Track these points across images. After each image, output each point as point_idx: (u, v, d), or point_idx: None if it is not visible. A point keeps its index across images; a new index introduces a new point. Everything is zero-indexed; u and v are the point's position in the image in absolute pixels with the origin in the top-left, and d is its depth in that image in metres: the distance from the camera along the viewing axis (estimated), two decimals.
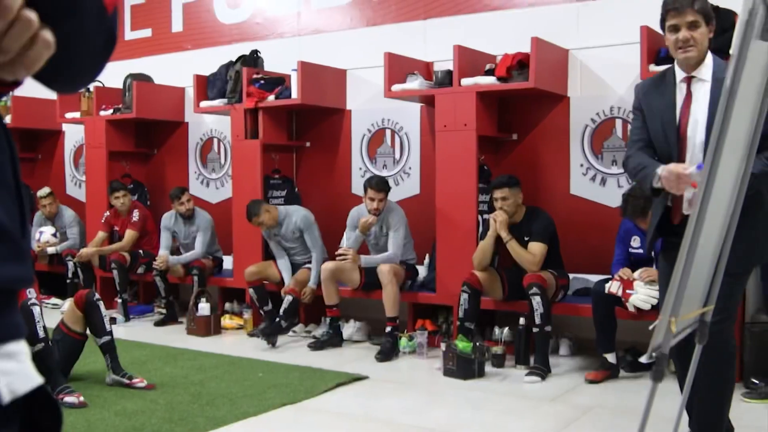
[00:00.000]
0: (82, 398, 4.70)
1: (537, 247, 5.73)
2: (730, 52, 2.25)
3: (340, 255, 6.28)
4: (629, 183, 5.94)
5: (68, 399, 4.67)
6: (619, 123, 6.19)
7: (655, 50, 5.57)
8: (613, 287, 5.19)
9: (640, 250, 5.35)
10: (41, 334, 4.77)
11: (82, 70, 1.13)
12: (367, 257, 6.42)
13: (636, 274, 5.19)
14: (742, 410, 4.63)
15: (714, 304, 2.91)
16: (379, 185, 6.38)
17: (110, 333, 5.16)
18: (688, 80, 3.45)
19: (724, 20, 4.95)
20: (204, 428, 4.28)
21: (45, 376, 3.89)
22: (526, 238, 5.76)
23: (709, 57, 3.45)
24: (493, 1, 6.69)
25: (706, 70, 3.43)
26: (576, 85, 6.33)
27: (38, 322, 4.78)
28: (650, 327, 2.41)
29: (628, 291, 5.10)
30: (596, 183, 6.29)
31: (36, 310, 4.82)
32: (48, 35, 0.90)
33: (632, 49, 5.67)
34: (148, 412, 4.55)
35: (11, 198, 0.99)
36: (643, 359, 2.38)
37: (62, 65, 1.08)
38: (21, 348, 0.97)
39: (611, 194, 6.10)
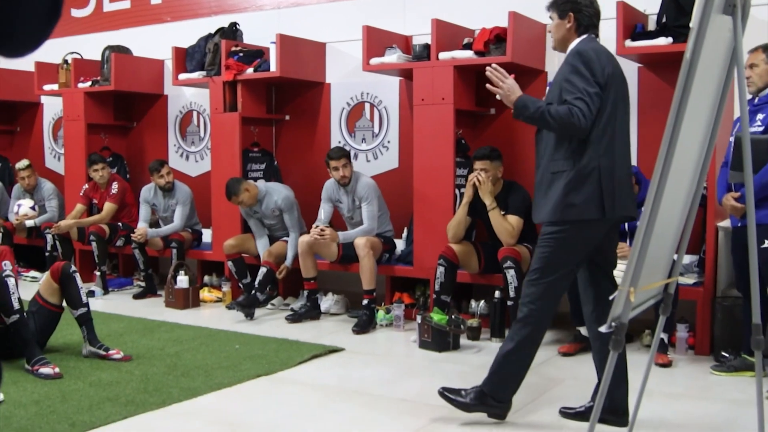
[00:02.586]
0: (57, 369, 4.72)
1: (514, 220, 5.77)
2: (690, 25, 2.26)
3: (318, 236, 6.28)
4: None
5: (43, 370, 4.69)
6: None
7: (631, 26, 5.59)
8: None
9: None
10: (16, 305, 4.78)
11: (25, 35, 1.14)
12: (344, 233, 6.44)
13: None
14: (711, 383, 4.72)
15: (678, 275, 2.95)
16: (337, 152, 6.45)
17: (86, 305, 5.16)
18: None
19: None
20: (178, 399, 4.31)
21: (20, 347, 3.93)
22: (503, 212, 5.79)
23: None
24: None
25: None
26: (554, 60, 6.33)
27: (13, 293, 4.79)
28: (610, 297, 2.44)
29: None
30: None
31: (11, 281, 4.82)
32: None
33: (608, 24, 5.66)
34: (122, 383, 4.58)
35: None
36: (603, 329, 2.42)
37: (4, 30, 1.09)
38: None
39: None
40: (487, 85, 3.82)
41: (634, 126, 6.02)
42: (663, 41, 5.42)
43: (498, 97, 3.80)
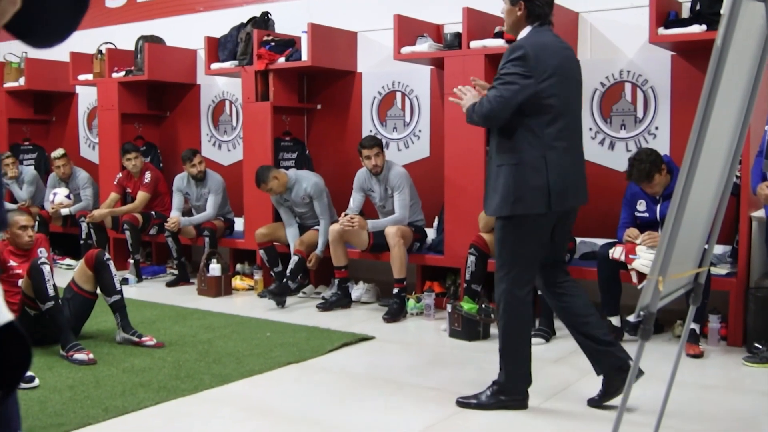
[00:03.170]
0: (91, 355, 4.79)
1: None
2: (721, 12, 2.24)
3: (347, 224, 6.31)
4: (637, 147, 5.94)
5: (78, 356, 4.76)
6: (628, 87, 6.15)
7: (664, 13, 5.53)
8: (616, 253, 5.19)
9: (646, 214, 5.35)
10: (51, 292, 4.85)
11: (54, 25, 1.16)
12: (374, 221, 6.45)
13: (639, 239, 5.18)
14: (743, 374, 4.67)
15: (708, 265, 2.93)
16: (369, 141, 6.46)
17: (120, 292, 5.24)
18: None
19: None
20: (209, 385, 4.36)
21: (55, 333, 4.00)
22: None
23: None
24: None
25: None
26: (585, 48, 6.29)
27: (48, 280, 4.86)
28: (639, 287, 2.43)
29: (630, 256, 5.10)
30: (605, 147, 6.28)
31: (46, 268, 4.89)
32: None
33: (642, 12, 5.64)
34: (155, 369, 4.64)
35: None
36: (631, 318, 2.41)
37: (34, 20, 1.11)
38: None
39: (619, 158, 6.08)
40: (451, 99, 4.08)
41: (666, 114, 6.00)
42: (696, 29, 5.36)
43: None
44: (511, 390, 3.97)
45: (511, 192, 3.74)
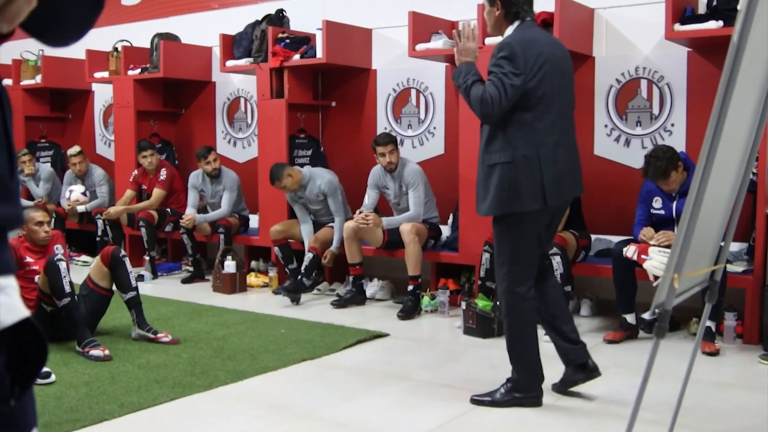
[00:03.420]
0: (107, 352, 4.82)
1: None
2: (738, 7, 2.22)
3: (362, 221, 6.31)
4: (652, 144, 5.91)
5: (93, 352, 4.79)
6: (644, 83, 6.12)
7: (680, 9, 5.49)
8: (629, 252, 5.16)
9: (662, 211, 5.32)
10: (67, 289, 4.87)
11: (70, 24, 1.16)
12: (388, 219, 6.45)
13: (654, 239, 5.15)
14: (759, 372, 4.65)
15: (724, 262, 2.91)
16: (384, 138, 6.46)
17: (136, 289, 5.27)
18: None
19: None
20: (224, 381, 4.37)
21: (71, 330, 4.03)
22: None
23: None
24: None
25: None
26: (601, 45, 6.27)
27: (64, 277, 4.88)
28: (654, 284, 2.42)
29: (643, 256, 5.07)
30: (620, 144, 6.26)
31: (62, 265, 4.92)
32: None
33: (658, 8, 5.61)
34: (170, 365, 4.66)
35: (1, 143, 1.03)
36: (646, 315, 2.40)
37: (50, 19, 1.11)
38: (9, 282, 1.03)
39: (635, 155, 6.05)
40: (454, 31, 4.10)
41: (682, 111, 5.97)
42: (713, 25, 5.32)
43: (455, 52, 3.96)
44: (524, 387, 3.97)
45: (506, 191, 3.75)
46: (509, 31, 3.89)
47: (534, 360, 3.99)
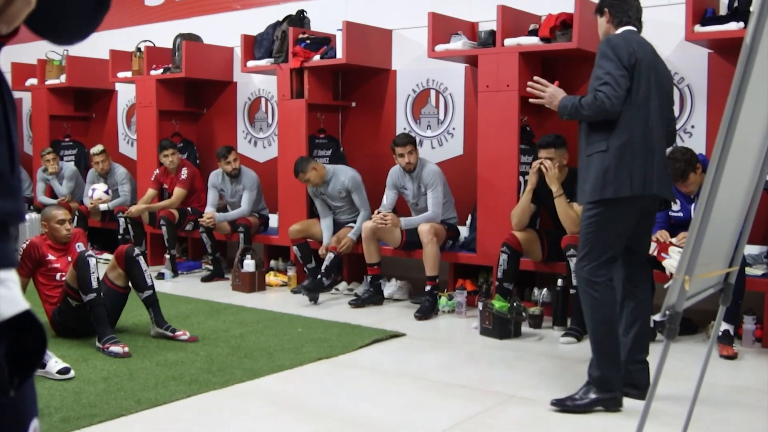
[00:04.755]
0: (126, 348, 4.86)
1: (579, 208, 5.69)
2: (751, 9, 2.22)
3: (380, 221, 6.33)
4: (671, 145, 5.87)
5: (113, 348, 4.84)
6: None
7: (701, 10, 5.46)
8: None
9: (680, 213, 5.30)
10: (94, 284, 4.93)
11: (72, 24, 1.18)
12: (407, 219, 6.46)
13: (675, 239, 5.14)
14: None
15: (738, 264, 2.90)
16: (403, 139, 6.47)
17: (152, 287, 5.30)
18: None
19: None
20: (240, 379, 4.40)
21: (92, 326, 4.08)
22: (568, 200, 5.73)
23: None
24: None
25: None
26: None
27: (93, 273, 4.94)
28: (665, 286, 2.41)
29: (662, 254, 5.06)
30: None
31: (92, 261, 4.97)
32: None
33: (678, 9, 5.58)
34: (187, 363, 4.70)
35: (1, 140, 1.05)
36: (657, 317, 2.40)
37: (55, 18, 1.13)
38: (9, 276, 1.06)
39: None
40: (531, 99, 4.22)
41: (703, 113, 5.93)
42: (734, 26, 5.29)
43: (546, 104, 4.10)
44: (603, 386, 3.90)
45: (601, 178, 3.83)
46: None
47: (614, 357, 3.93)
